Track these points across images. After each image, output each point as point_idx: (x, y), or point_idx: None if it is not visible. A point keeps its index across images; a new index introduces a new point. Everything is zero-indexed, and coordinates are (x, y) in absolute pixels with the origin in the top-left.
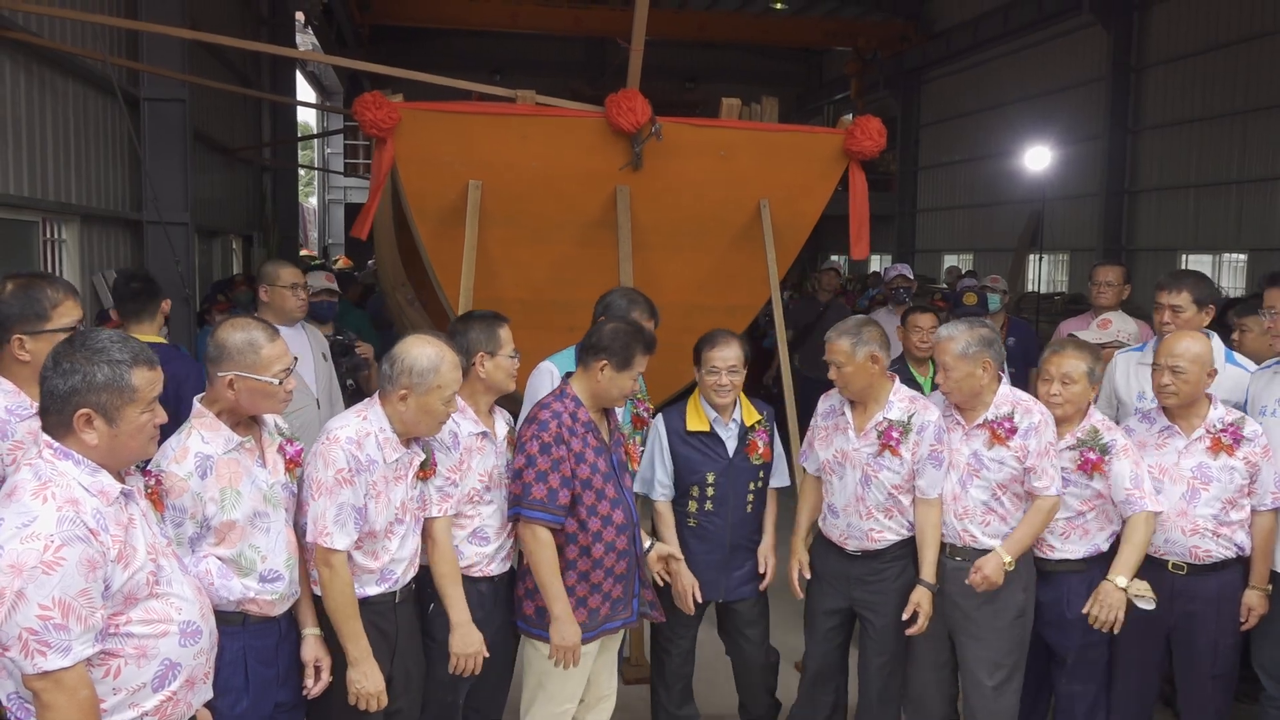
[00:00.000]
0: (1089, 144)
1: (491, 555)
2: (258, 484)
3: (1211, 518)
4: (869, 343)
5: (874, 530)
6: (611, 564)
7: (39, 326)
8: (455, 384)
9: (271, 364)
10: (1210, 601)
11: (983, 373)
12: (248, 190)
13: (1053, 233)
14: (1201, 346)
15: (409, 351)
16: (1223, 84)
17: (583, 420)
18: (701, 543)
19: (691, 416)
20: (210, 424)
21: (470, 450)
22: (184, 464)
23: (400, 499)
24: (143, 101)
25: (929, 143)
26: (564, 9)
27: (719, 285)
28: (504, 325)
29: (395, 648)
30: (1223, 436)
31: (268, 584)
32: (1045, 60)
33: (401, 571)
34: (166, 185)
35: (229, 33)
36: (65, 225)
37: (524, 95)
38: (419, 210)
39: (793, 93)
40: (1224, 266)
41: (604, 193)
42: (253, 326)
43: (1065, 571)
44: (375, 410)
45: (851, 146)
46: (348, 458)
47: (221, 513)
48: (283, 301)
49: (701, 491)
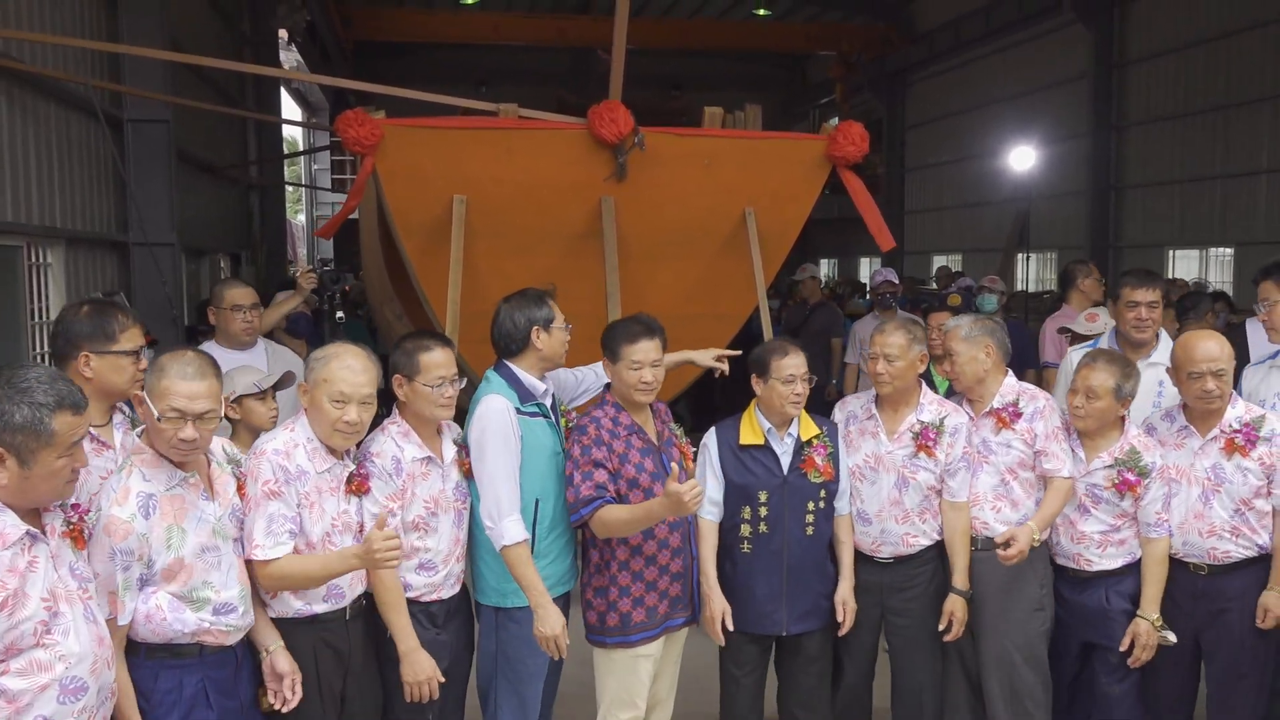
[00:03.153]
0: (1073, 142)
1: (440, 583)
2: (205, 518)
3: (1227, 519)
4: (921, 341)
5: (910, 535)
6: (666, 561)
7: (106, 347)
8: (347, 385)
9: (166, 396)
10: (1236, 598)
11: (985, 357)
12: (235, 209)
13: (1040, 231)
14: (1229, 345)
15: (318, 349)
16: (1204, 79)
17: (625, 424)
18: (756, 569)
19: (745, 429)
20: (150, 460)
21: (414, 477)
22: (126, 505)
23: (333, 511)
24: (126, 123)
25: (915, 144)
26: (547, 20)
27: (706, 294)
28: (432, 350)
29: (349, 667)
30: (1237, 437)
31: (222, 616)
32: (1028, 60)
33: (347, 586)
34: (152, 206)
35: (211, 52)
36: (50, 249)
37: (507, 109)
38: (404, 226)
39: (778, 98)
40: (1211, 261)
41: (589, 204)
42: (180, 357)
43: (1104, 575)
44: (302, 421)
45: (834, 152)
46: (274, 469)
47: (168, 551)
48: (227, 324)
49: (754, 511)
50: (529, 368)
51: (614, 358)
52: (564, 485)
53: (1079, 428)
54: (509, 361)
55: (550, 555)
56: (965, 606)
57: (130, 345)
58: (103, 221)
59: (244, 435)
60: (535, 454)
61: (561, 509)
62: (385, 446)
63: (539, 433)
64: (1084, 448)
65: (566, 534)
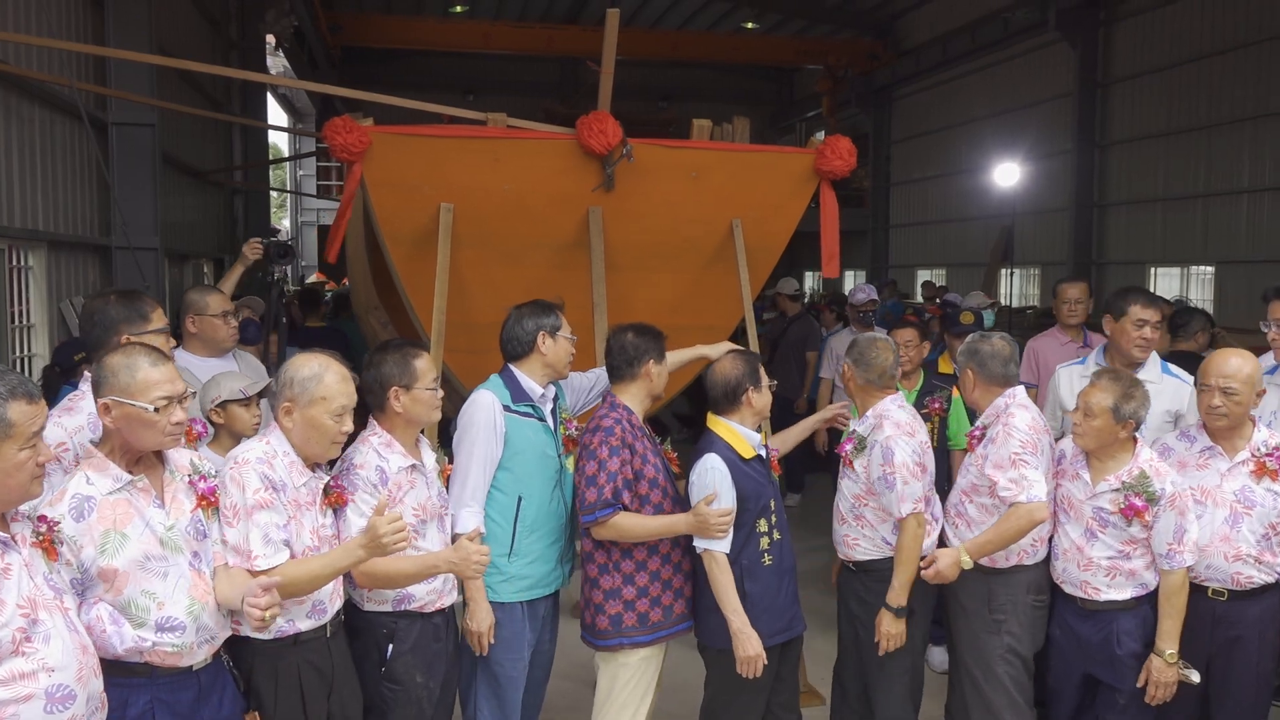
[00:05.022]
0: (1058, 159)
1: (441, 589)
2: (152, 526)
3: (1254, 544)
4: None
5: (848, 537)
6: (679, 559)
7: (143, 328)
8: (344, 397)
9: (147, 389)
10: (1253, 625)
11: (969, 381)
12: (219, 213)
13: (1024, 247)
14: (1252, 367)
15: (292, 364)
16: (1187, 98)
17: (638, 426)
18: (777, 577)
19: (739, 444)
20: (98, 464)
21: (400, 486)
22: (58, 507)
23: (312, 525)
24: (111, 126)
25: (901, 159)
26: (536, 29)
27: (693, 305)
28: (420, 356)
29: (332, 686)
30: (1268, 461)
31: (165, 633)
32: (1013, 77)
33: (329, 601)
34: (135, 210)
35: (198, 56)
36: (32, 252)
37: (495, 118)
38: (391, 234)
39: (765, 111)
40: (1192, 279)
41: (577, 214)
42: (137, 351)
43: (1113, 610)
44: (276, 434)
45: (822, 166)
46: (261, 477)
47: (101, 557)
48: (213, 331)
49: (768, 520)
50: (531, 373)
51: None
52: (551, 487)
53: (1079, 445)
54: (512, 365)
55: (529, 555)
56: (893, 621)
57: (159, 325)
58: (85, 225)
59: (226, 441)
60: (522, 452)
61: (545, 511)
62: (368, 458)
63: (529, 432)
64: (1090, 469)
65: (550, 537)
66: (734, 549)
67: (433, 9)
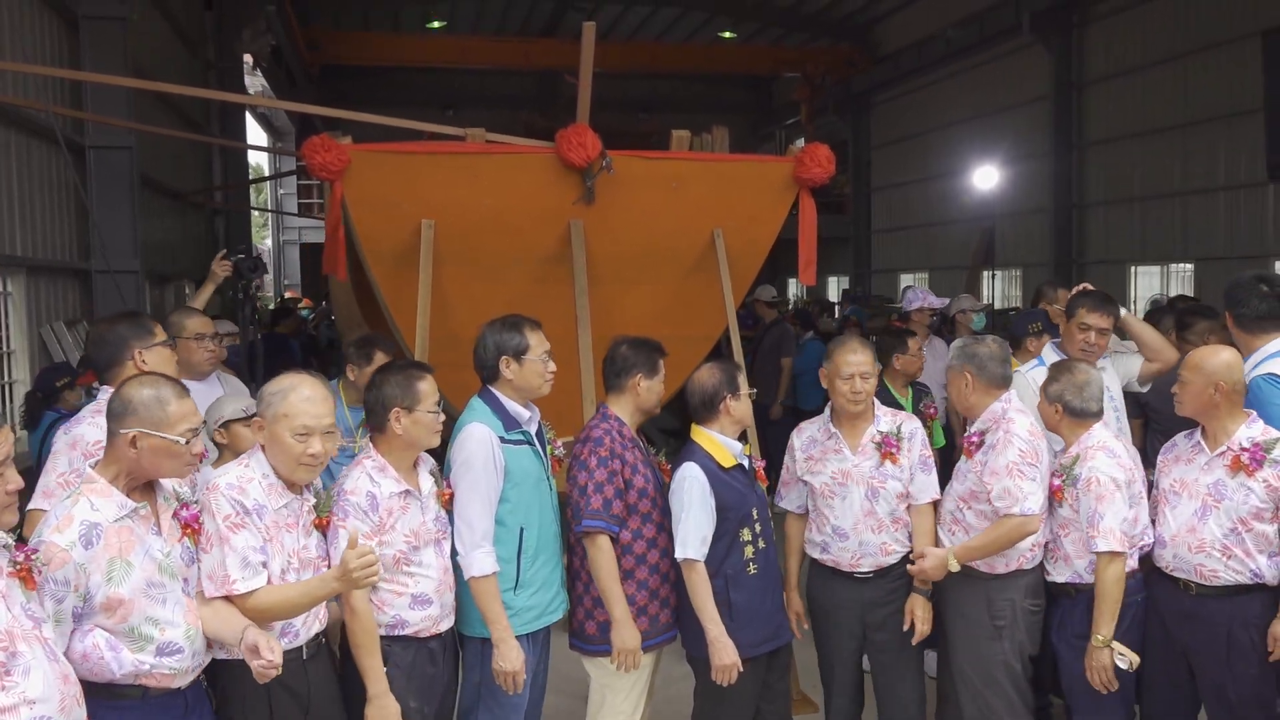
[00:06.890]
0: (1036, 161)
1: (438, 616)
2: (152, 553)
3: (1220, 537)
4: None
5: (887, 544)
6: (666, 569)
7: (150, 341)
8: (310, 417)
9: (178, 422)
10: (1220, 626)
11: (965, 384)
12: (200, 234)
13: (1005, 249)
14: (1216, 361)
15: (271, 381)
16: (1162, 98)
17: (629, 436)
18: (762, 586)
19: (719, 453)
20: (101, 490)
21: (391, 511)
22: (66, 533)
23: (292, 547)
24: (88, 149)
25: (880, 164)
26: (513, 43)
27: (677, 316)
28: (424, 378)
29: (309, 709)
30: (1243, 455)
31: (166, 657)
32: (990, 80)
33: (301, 624)
34: (115, 233)
35: (176, 78)
36: (10, 278)
37: (474, 133)
38: (372, 252)
39: (745, 119)
40: (1172, 277)
41: (558, 228)
42: (162, 383)
43: (1058, 595)
44: (258, 456)
45: (801, 174)
46: (231, 503)
47: (108, 585)
48: (189, 354)
49: (752, 530)
50: (508, 395)
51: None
52: (548, 512)
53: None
54: (491, 387)
55: (535, 585)
56: (925, 605)
57: (163, 338)
58: (64, 249)
59: (230, 461)
60: (520, 483)
61: (547, 537)
62: (359, 483)
63: (524, 461)
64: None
65: (551, 562)
66: (716, 559)
67: (410, 25)
